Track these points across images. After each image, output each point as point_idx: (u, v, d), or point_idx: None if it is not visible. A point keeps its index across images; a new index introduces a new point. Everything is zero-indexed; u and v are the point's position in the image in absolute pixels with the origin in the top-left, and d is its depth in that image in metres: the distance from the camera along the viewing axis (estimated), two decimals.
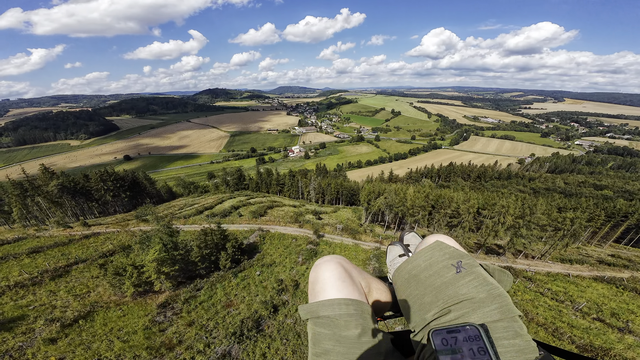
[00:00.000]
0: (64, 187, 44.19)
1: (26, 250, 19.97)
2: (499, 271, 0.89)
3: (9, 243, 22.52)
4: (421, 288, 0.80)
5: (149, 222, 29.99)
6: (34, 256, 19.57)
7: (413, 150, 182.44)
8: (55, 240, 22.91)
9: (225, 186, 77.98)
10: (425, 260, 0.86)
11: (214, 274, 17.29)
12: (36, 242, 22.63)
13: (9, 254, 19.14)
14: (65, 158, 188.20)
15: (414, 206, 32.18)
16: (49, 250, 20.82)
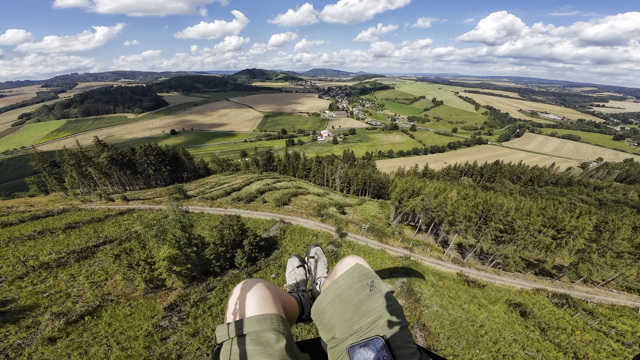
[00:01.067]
0: (113, 159, 47.64)
1: (63, 225, 21.09)
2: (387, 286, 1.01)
3: (52, 216, 24.20)
4: (343, 305, 0.93)
5: (179, 200, 30.48)
6: (69, 232, 20.53)
7: (453, 144, 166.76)
8: (92, 216, 24.08)
9: (255, 166, 79.76)
10: (347, 281, 0.99)
11: (228, 271, 16.38)
12: (76, 216, 24.01)
13: (46, 229, 20.30)
14: (122, 130, 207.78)
15: (455, 213, 28.01)
16: (84, 226, 21.80)
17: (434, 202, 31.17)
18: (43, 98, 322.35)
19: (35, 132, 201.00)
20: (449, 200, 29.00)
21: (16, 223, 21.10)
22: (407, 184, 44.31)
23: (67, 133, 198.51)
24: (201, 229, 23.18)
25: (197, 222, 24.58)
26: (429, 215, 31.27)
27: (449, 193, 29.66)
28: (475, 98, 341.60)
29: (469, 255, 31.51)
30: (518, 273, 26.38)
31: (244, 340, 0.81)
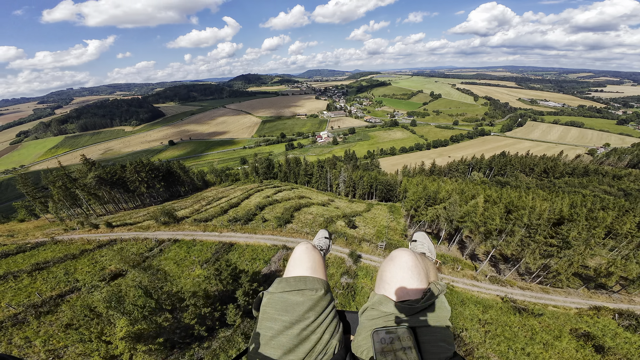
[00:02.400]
0: (101, 179, 44.30)
1: (30, 266, 17.69)
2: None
3: (24, 252, 20.79)
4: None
5: (169, 226, 26.97)
6: (36, 275, 17.13)
7: (455, 137, 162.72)
8: (67, 251, 20.65)
9: (254, 174, 76.67)
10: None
11: (219, 333, 12.85)
12: (50, 252, 20.60)
13: (9, 272, 16.87)
14: (120, 143, 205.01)
15: (487, 223, 24.27)
16: (55, 266, 18.37)
17: (459, 212, 27.42)
18: (40, 115, 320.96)
19: (33, 149, 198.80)
20: (479, 210, 25.25)
21: None
22: (420, 187, 40.56)
23: (65, 149, 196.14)
24: (190, 264, 19.64)
25: (188, 254, 21.04)
26: (454, 225, 27.55)
27: (478, 199, 25.86)
28: (473, 89, 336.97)
29: (505, 269, 27.81)
30: (569, 289, 22.65)
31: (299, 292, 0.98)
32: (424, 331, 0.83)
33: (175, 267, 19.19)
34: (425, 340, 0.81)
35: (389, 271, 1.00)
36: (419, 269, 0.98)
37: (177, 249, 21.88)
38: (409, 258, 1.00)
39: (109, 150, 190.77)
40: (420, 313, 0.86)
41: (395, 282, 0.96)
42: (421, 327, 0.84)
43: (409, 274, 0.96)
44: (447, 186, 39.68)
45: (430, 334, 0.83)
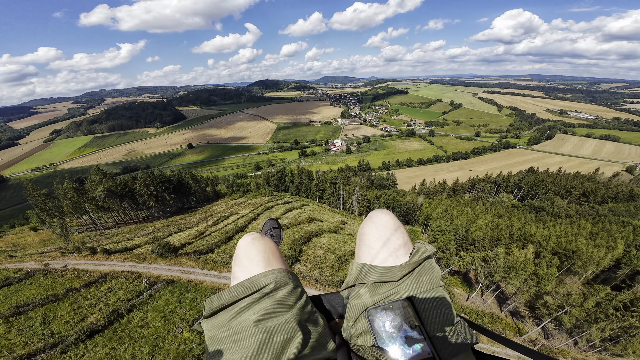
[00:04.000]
0: (110, 191, 43.49)
1: (8, 310, 15.91)
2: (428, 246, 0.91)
3: (9, 285, 19.10)
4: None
5: (166, 259, 24.69)
6: (12, 322, 15.30)
7: (477, 149, 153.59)
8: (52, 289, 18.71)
9: (266, 185, 75.45)
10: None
11: None
12: (35, 288, 18.83)
13: None
14: (143, 145, 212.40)
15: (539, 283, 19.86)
16: (33, 311, 16.49)
17: (502, 265, 23.03)
18: (73, 114, 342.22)
19: (64, 148, 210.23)
20: (529, 267, 20.81)
21: None
22: (444, 216, 36.14)
23: (93, 149, 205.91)
24: (179, 320, 16.89)
25: (179, 304, 18.37)
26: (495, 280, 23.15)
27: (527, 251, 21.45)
28: (497, 99, 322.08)
29: (554, 330, 23.04)
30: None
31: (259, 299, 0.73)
32: (420, 299, 0.72)
33: (162, 323, 16.56)
34: (425, 308, 0.71)
35: (370, 234, 0.87)
36: (403, 229, 0.88)
37: (169, 295, 19.35)
38: (390, 217, 0.90)
39: (133, 151, 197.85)
40: (411, 279, 0.75)
41: (378, 245, 0.84)
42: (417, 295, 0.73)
43: (393, 234, 0.85)
44: (479, 220, 34.82)
45: (428, 301, 0.72)
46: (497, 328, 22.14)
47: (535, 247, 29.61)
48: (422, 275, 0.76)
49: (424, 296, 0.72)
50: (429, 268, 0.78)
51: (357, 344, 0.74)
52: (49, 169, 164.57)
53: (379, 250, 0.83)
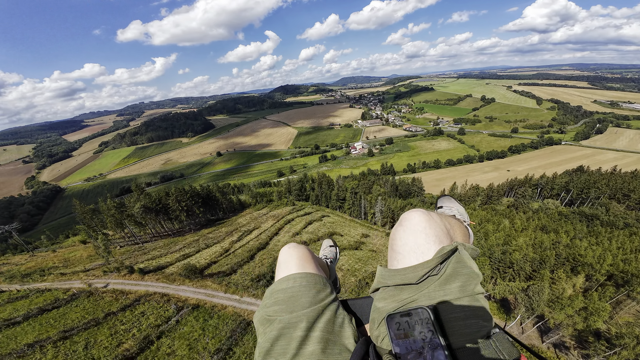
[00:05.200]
0: (146, 208, 47.23)
1: (57, 334, 17.92)
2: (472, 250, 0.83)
3: (58, 307, 21.44)
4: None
5: (193, 281, 26.01)
6: (59, 347, 17.16)
7: (515, 147, 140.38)
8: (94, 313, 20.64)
9: (288, 194, 77.17)
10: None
11: None
12: (79, 312, 20.84)
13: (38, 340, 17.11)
14: (178, 154, 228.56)
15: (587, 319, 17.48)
16: (77, 335, 18.34)
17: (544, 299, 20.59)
18: (117, 126, 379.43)
19: (110, 159, 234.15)
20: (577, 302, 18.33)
21: (20, 321, 19.05)
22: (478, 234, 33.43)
23: (135, 159, 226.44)
24: (202, 349, 17.53)
25: (203, 332, 19.15)
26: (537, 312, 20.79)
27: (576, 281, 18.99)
28: (535, 91, 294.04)
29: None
30: None
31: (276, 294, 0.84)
32: (447, 307, 0.65)
33: (187, 351, 17.35)
34: (452, 317, 0.64)
35: (400, 238, 0.81)
36: (437, 230, 0.79)
37: (194, 322, 20.26)
38: (421, 218, 0.81)
39: (169, 160, 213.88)
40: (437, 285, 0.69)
41: (408, 250, 0.77)
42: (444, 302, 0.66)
43: (424, 238, 0.77)
44: (519, 238, 31.62)
45: (456, 309, 0.65)
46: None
47: (586, 270, 26.10)
48: (452, 281, 0.68)
49: (452, 304, 0.65)
50: (464, 274, 0.69)
51: (382, 347, 0.72)
52: (98, 180, 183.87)
53: (406, 255, 0.77)
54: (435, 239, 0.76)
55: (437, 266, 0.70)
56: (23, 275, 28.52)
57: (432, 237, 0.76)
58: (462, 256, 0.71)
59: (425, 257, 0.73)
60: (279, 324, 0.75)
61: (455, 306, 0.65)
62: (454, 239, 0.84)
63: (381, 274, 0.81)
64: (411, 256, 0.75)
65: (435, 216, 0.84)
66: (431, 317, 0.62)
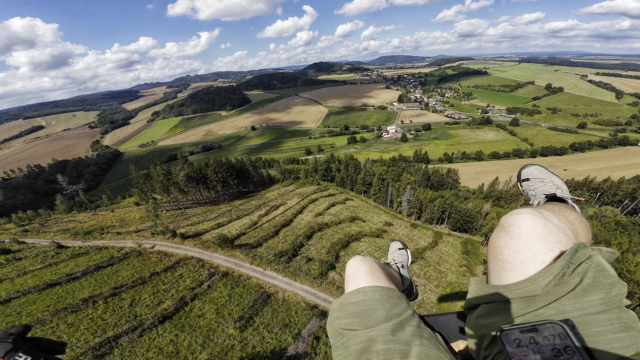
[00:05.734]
0: (189, 177, 51.42)
1: (108, 291, 20.62)
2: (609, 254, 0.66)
3: (112, 264, 24.81)
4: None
5: (224, 249, 28.24)
6: (109, 302, 19.68)
7: (579, 145, 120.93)
8: (141, 272, 23.59)
9: (314, 173, 77.90)
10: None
11: None
12: (129, 270, 23.95)
13: (92, 296, 19.96)
14: (217, 126, 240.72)
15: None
16: (126, 292, 20.95)
17: None
18: (167, 98, 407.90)
19: (160, 128, 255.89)
20: None
21: (79, 277, 22.40)
22: None
23: (181, 129, 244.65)
24: (227, 314, 19.31)
25: (229, 299, 21.00)
26: None
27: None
28: (616, 83, 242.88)
29: None
30: None
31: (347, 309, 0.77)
32: (587, 321, 0.54)
33: (215, 315, 19.26)
34: (594, 332, 0.52)
35: (507, 246, 0.68)
36: (558, 235, 0.65)
37: (222, 288, 22.22)
38: (535, 222, 0.67)
39: (209, 132, 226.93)
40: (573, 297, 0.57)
41: (521, 260, 0.64)
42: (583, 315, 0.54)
43: (543, 245, 0.64)
44: None
45: (602, 323, 0.53)
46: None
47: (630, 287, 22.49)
48: (593, 292, 0.56)
49: (595, 318, 0.54)
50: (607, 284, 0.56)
51: None
52: (150, 146, 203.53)
53: (519, 264, 0.65)
54: (558, 245, 0.63)
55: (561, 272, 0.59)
56: (85, 232, 33.44)
57: (553, 242, 0.64)
58: (602, 263, 0.59)
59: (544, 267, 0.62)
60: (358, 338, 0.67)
61: (599, 320, 0.54)
62: (578, 237, 0.71)
63: (481, 289, 0.71)
64: (527, 266, 0.64)
65: (552, 216, 0.70)
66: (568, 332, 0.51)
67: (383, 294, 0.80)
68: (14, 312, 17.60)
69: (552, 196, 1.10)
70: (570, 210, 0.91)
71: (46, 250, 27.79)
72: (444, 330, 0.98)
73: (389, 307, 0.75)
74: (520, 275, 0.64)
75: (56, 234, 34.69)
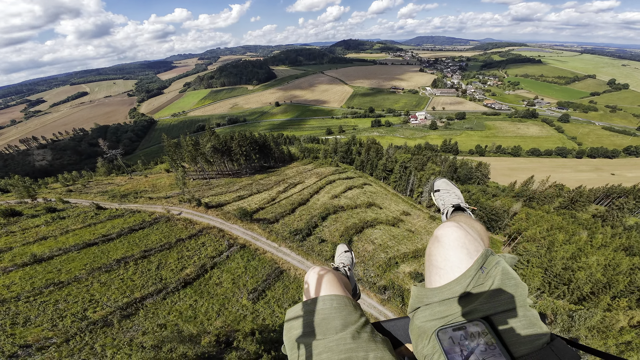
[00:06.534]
0: (215, 148, 52.78)
1: (139, 253, 22.10)
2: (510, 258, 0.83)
3: (143, 228, 26.43)
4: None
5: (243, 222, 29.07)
6: (139, 264, 21.15)
7: (634, 149, 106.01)
8: (169, 238, 25.05)
9: (333, 153, 76.51)
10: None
11: None
12: (158, 234, 25.51)
13: (124, 257, 21.39)
14: (243, 100, 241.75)
15: None
16: (154, 256, 22.35)
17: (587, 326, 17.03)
18: (198, 70, 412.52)
19: (191, 99, 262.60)
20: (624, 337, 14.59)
21: (114, 238, 24.31)
22: (543, 242, 28.01)
23: (209, 101, 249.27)
24: (242, 285, 20.16)
25: (245, 271, 21.87)
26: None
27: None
28: None
29: None
30: None
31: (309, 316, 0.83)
32: (501, 318, 0.65)
33: (231, 285, 20.22)
34: (508, 328, 0.63)
35: (439, 254, 0.81)
36: (475, 243, 0.80)
37: (239, 260, 23.10)
38: (459, 233, 0.81)
39: (235, 105, 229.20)
40: (487, 296, 0.68)
41: (451, 266, 0.77)
42: (497, 314, 0.65)
43: (466, 253, 0.77)
44: (592, 257, 25.44)
45: (511, 320, 0.64)
46: None
47: None
48: (501, 293, 0.68)
49: (506, 315, 0.65)
50: (511, 285, 0.68)
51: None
52: (181, 117, 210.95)
53: (449, 271, 0.77)
54: (475, 252, 0.77)
55: (476, 274, 0.71)
56: (122, 195, 35.82)
57: (473, 251, 0.77)
58: (506, 268, 0.71)
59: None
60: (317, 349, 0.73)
61: (509, 317, 0.64)
62: (485, 244, 0.86)
63: (420, 293, 0.81)
64: (455, 272, 0.75)
65: (469, 228, 0.85)
66: (489, 329, 0.61)
67: (340, 302, 0.87)
68: (54, 269, 19.31)
69: (457, 206, 1.36)
70: (474, 220, 1.08)
71: (87, 210, 30.16)
72: (399, 333, 1.03)
73: (346, 315, 0.82)
74: (449, 279, 0.75)
75: (96, 195, 37.74)
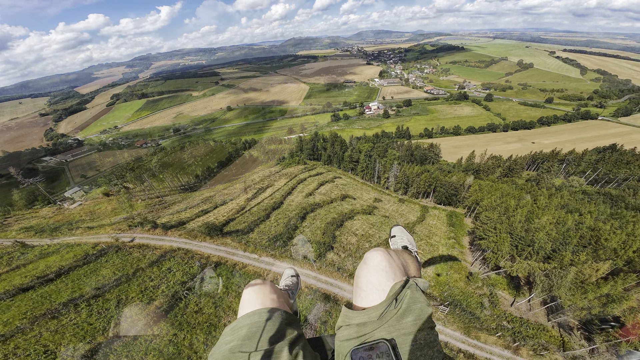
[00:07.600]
0: (164, 163, 46.86)
1: (90, 291, 18.07)
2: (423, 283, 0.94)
3: (88, 263, 21.90)
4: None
5: (213, 238, 26.08)
6: (92, 304, 17.36)
7: (546, 119, 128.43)
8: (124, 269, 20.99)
9: (299, 152, 75.18)
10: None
11: None
12: (109, 268, 21.23)
13: (72, 299, 17.40)
14: (189, 107, 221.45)
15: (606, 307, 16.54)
16: (109, 292, 18.54)
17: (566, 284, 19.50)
18: (127, 78, 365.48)
19: (124, 112, 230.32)
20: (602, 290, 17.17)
21: (53, 279, 19.42)
22: (498, 207, 31.55)
23: (147, 112, 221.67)
24: (226, 307, 17.89)
25: (226, 290, 19.44)
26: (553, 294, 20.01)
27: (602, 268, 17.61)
28: (581, 59, 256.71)
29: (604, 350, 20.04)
30: None
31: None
32: (404, 339, 0.75)
33: (213, 309, 17.76)
34: (408, 350, 0.73)
35: (364, 276, 0.92)
36: (394, 268, 0.90)
37: (216, 280, 20.57)
38: (382, 257, 0.92)
39: (180, 114, 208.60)
40: (395, 320, 0.78)
41: (371, 288, 0.87)
42: (401, 335, 0.75)
43: (384, 276, 0.88)
44: (543, 217, 29.28)
45: (412, 341, 0.74)
46: (540, 340, 19.81)
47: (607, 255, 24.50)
48: (407, 316, 0.77)
49: (409, 337, 0.74)
50: (416, 309, 0.79)
51: None
52: (114, 133, 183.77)
53: (369, 292, 0.87)
54: (393, 276, 0.87)
55: (392, 302, 0.80)
56: (52, 229, 29.30)
57: (391, 274, 0.87)
58: (414, 293, 0.82)
59: (385, 294, 0.84)
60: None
61: (411, 338, 0.74)
62: (409, 273, 0.95)
63: (346, 315, 0.89)
64: (374, 293, 0.85)
65: (394, 254, 0.96)
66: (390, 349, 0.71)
67: (277, 315, 0.92)
68: None
69: (404, 247, 1.60)
70: (409, 255, 1.21)
71: (10, 251, 24.11)
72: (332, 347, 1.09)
73: (279, 329, 0.87)
74: (370, 300, 0.84)
75: (19, 233, 30.26)
